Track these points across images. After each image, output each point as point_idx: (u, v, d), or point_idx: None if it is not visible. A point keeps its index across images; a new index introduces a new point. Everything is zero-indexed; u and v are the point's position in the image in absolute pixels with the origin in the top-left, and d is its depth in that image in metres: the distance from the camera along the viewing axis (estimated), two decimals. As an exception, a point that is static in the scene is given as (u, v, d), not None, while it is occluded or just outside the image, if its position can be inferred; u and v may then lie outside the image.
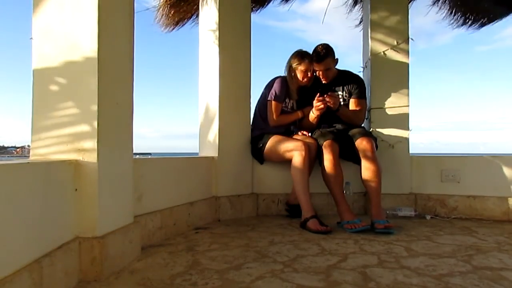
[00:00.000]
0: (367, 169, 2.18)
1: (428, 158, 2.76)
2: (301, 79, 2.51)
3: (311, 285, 1.26)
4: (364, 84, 2.58)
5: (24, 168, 1.02)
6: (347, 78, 2.56)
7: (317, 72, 2.47)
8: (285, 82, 2.55)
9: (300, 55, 2.50)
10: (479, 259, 1.56)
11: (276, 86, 2.53)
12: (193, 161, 2.33)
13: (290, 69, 2.53)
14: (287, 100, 2.59)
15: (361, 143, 2.20)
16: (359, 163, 2.25)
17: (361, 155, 2.21)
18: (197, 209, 2.22)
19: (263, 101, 2.63)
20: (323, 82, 2.48)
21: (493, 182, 2.54)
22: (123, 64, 1.48)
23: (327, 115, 2.46)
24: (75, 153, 1.27)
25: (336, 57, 2.46)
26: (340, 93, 2.54)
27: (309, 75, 2.49)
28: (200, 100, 2.68)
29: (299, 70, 2.49)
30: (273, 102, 2.53)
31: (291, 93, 2.56)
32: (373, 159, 2.17)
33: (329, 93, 2.33)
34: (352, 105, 2.51)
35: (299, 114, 2.58)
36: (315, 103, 2.35)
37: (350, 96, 2.53)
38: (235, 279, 1.31)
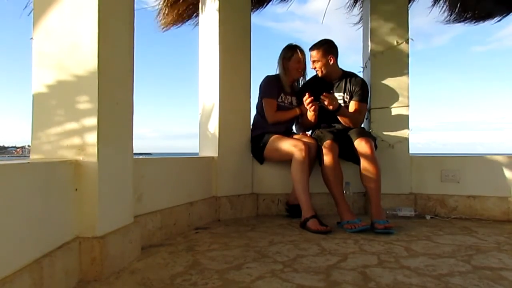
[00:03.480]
0: (366, 170, 2.18)
1: (428, 158, 2.76)
2: (296, 69, 2.57)
3: (311, 285, 1.26)
4: (367, 88, 2.55)
5: (24, 168, 1.01)
6: (350, 79, 2.54)
7: (313, 65, 2.49)
8: (274, 79, 2.61)
9: (291, 46, 2.60)
10: (479, 259, 1.56)
11: (265, 85, 2.61)
12: (193, 161, 2.33)
13: (283, 61, 2.59)
14: (288, 96, 2.62)
15: (360, 144, 2.20)
16: (359, 163, 2.24)
17: (360, 156, 2.20)
18: (197, 209, 2.22)
19: (260, 101, 2.65)
20: (318, 75, 2.51)
21: (493, 182, 2.54)
22: (123, 64, 1.48)
23: (327, 115, 2.46)
24: (75, 153, 1.27)
25: (335, 55, 2.47)
26: (341, 93, 2.53)
27: (302, 64, 2.58)
28: (200, 100, 2.68)
29: (294, 59, 2.55)
30: (267, 100, 2.58)
31: (285, 87, 2.60)
32: (372, 160, 2.17)
33: (324, 94, 2.30)
34: (352, 107, 2.48)
35: (297, 111, 2.59)
36: (305, 104, 2.36)
37: (351, 98, 2.51)
38: (235, 279, 1.31)
